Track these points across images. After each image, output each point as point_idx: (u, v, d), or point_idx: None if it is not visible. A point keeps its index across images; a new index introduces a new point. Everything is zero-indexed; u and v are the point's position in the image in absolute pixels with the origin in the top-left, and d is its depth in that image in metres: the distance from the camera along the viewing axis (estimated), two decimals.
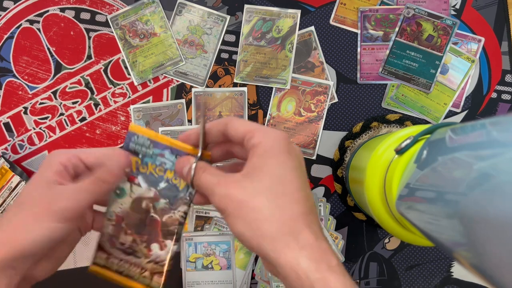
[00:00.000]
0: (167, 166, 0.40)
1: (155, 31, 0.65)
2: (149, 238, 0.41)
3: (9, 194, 0.62)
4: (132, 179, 0.41)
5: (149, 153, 0.40)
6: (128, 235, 0.41)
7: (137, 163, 0.40)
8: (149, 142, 0.40)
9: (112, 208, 0.41)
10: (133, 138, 0.40)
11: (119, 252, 0.42)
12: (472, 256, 0.28)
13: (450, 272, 0.64)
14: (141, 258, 0.41)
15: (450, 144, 0.33)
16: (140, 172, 0.41)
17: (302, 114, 0.65)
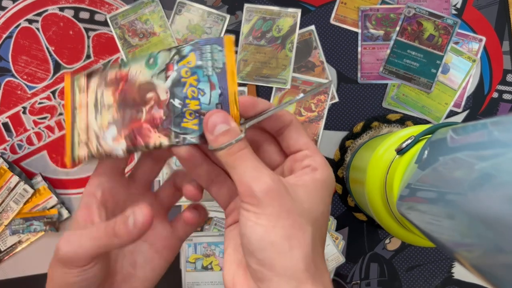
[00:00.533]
0: (202, 99, 0.34)
1: (155, 30, 0.64)
2: (118, 120, 0.36)
3: (8, 194, 0.62)
4: (170, 67, 0.35)
5: (208, 71, 0.34)
6: (112, 96, 0.36)
7: (189, 62, 0.34)
8: (222, 65, 0.34)
9: (132, 66, 0.36)
10: (216, 46, 0.34)
11: (90, 99, 0.36)
12: (473, 257, 0.28)
13: (451, 272, 0.63)
14: (94, 122, 0.36)
15: (451, 144, 0.33)
16: (180, 72, 0.34)
17: (302, 114, 0.64)
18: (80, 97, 0.37)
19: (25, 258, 0.63)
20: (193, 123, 0.34)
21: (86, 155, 0.36)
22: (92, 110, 0.37)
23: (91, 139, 0.36)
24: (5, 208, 0.62)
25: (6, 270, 0.63)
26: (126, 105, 0.35)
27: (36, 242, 0.63)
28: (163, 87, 0.35)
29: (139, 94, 0.35)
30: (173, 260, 0.39)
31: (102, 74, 0.37)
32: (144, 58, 0.36)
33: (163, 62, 0.35)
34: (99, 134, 0.36)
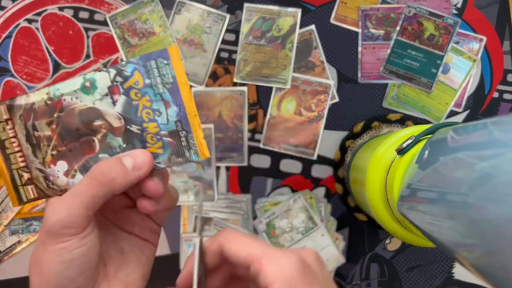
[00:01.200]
0: (160, 119, 0.32)
1: (154, 30, 0.64)
2: (65, 153, 0.33)
3: (7, 195, 0.62)
4: (114, 91, 0.32)
5: (158, 88, 0.32)
6: (49, 128, 0.33)
7: (136, 83, 0.32)
8: (172, 79, 0.32)
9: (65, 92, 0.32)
10: (161, 60, 0.32)
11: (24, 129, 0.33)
12: (473, 257, 0.28)
13: (452, 273, 0.63)
14: (35, 159, 0.33)
15: (452, 144, 0.33)
16: (129, 94, 0.32)
17: (302, 114, 0.64)
18: (5, 133, 0.34)
19: (25, 258, 0.63)
20: (156, 146, 0.33)
21: (36, 193, 0.34)
22: (27, 146, 0.33)
23: (37, 177, 0.34)
24: (5, 208, 0.62)
25: (6, 270, 0.63)
26: (69, 136, 0.33)
27: (36, 242, 0.63)
28: (113, 113, 0.32)
29: (83, 122, 0.33)
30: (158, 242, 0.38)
31: (26, 105, 0.33)
32: (76, 82, 0.33)
33: (103, 86, 0.32)
34: (45, 171, 0.34)
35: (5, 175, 0.34)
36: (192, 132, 0.33)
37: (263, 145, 0.64)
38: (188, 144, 0.33)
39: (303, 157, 0.64)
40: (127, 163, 0.32)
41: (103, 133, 0.33)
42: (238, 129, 0.64)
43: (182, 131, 0.33)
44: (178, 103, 0.32)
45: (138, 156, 0.32)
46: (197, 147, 0.33)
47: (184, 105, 0.32)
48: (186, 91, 0.32)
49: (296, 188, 0.64)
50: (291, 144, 0.64)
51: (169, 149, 0.33)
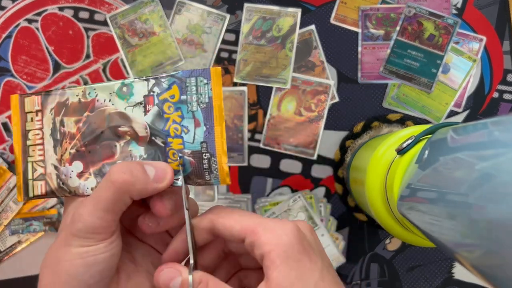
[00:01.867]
0: (186, 137, 0.31)
1: (154, 30, 0.64)
2: (84, 154, 0.32)
3: (8, 194, 0.62)
4: (149, 101, 0.32)
5: (192, 106, 0.31)
6: (76, 126, 0.32)
7: (172, 96, 0.32)
8: (208, 100, 0.31)
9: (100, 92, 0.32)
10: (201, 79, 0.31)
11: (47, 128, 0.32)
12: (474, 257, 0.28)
13: (452, 273, 0.63)
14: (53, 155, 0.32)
15: (452, 144, 0.33)
16: (162, 107, 0.32)
17: (302, 114, 0.64)
18: (32, 124, 0.33)
19: (25, 258, 0.63)
20: (177, 163, 0.32)
21: (44, 191, 0.33)
22: (50, 140, 0.33)
23: (50, 174, 0.33)
24: (5, 208, 0.62)
25: (6, 270, 0.63)
26: (93, 138, 0.32)
27: (36, 242, 0.63)
28: (141, 122, 0.32)
29: (109, 126, 0.32)
30: None
31: (60, 99, 0.33)
32: (114, 85, 0.32)
33: (140, 94, 0.32)
34: (60, 168, 0.33)
35: (19, 166, 0.33)
36: (217, 156, 0.32)
37: (263, 145, 0.64)
38: (209, 167, 0.32)
39: (303, 157, 0.64)
40: (149, 171, 0.31)
41: (127, 140, 0.32)
42: (238, 129, 0.64)
43: (206, 153, 0.32)
44: (208, 125, 0.31)
45: (161, 168, 0.31)
46: (219, 171, 0.32)
47: (214, 128, 0.31)
48: (219, 115, 0.31)
49: (296, 188, 0.64)
50: (291, 144, 0.64)
51: (189, 169, 0.32)
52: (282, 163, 0.64)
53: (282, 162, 0.64)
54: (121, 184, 0.30)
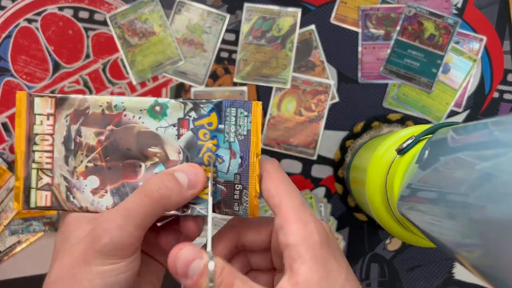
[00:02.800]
0: (220, 166, 0.31)
1: (154, 30, 0.64)
2: (102, 169, 0.30)
3: (7, 194, 0.62)
4: (184, 124, 0.31)
5: (229, 136, 0.31)
6: (96, 138, 0.30)
7: (209, 124, 0.31)
8: (246, 132, 0.31)
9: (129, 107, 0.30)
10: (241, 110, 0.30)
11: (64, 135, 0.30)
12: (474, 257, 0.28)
13: (452, 273, 0.63)
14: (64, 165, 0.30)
15: (452, 144, 0.33)
16: (197, 133, 0.31)
17: (302, 114, 0.64)
18: (41, 127, 0.31)
19: (25, 258, 0.63)
20: (205, 192, 0.31)
21: (50, 202, 0.31)
22: (61, 149, 0.31)
23: (58, 185, 0.31)
24: (4, 208, 0.62)
25: (6, 271, 0.63)
26: (115, 154, 0.31)
27: (36, 242, 0.63)
28: (174, 146, 0.31)
29: (138, 144, 0.31)
30: None
31: (79, 106, 0.31)
32: (146, 102, 0.31)
33: (174, 115, 0.31)
34: (71, 181, 0.31)
35: (20, 171, 0.31)
36: (249, 189, 0.31)
37: (263, 145, 0.64)
38: (240, 199, 0.31)
39: (303, 157, 0.64)
40: (182, 179, 0.30)
41: (155, 162, 0.31)
42: None
43: (238, 184, 0.31)
44: (244, 157, 0.31)
45: (192, 172, 0.30)
46: (249, 204, 0.31)
47: (250, 161, 0.31)
48: (256, 149, 0.31)
49: None
50: (291, 144, 0.64)
51: (219, 197, 0.32)
52: (282, 163, 0.64)
53: (282, 162, 0.64)
54: (158, 198, 0.29)
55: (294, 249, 0.28)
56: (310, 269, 0.28)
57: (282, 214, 0.29)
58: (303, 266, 0.28)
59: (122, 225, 0.28)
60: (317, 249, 0.28)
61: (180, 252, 0.27)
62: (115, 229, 0.28)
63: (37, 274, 0.63)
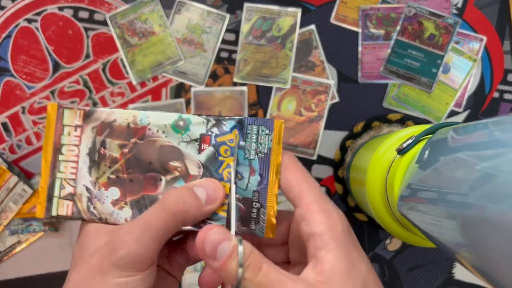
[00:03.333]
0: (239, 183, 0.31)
1: (154, 30, 0.64)
2: (124, 181, 0.31)
3: (7, 194, 0.61)
4: (206, 140, 0.31)
5: (250, 154, 0.31)
6: (119, 150, 0.31)
7: (230, 140, 0.31)
8: (267, 150, 0.31)
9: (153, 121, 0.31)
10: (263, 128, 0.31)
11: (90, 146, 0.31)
12: (474, 258, 0.28)
13: (452, 273, 0.63)
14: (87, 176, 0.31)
15: (452, 144, 0.33)
16: (218, 149, 0.31)
17: (302, 114, 0.64)
18: (69, 138, 0.32)
19: (25, 258, 0.63)
20: (223, 209, 0.31)
21: (71, 212, 0.32)
22: (85, 160, 0.31)
23: (80, 195, 0.31)
24: (4, 208, 0.62)
25: (6, 271, 0.63)
26: (137, 167, 0.31)
27: (36, 242, 0.63)
28: (195, 161, 0.31)
29: (159, 158, 0.31)
30: None
31: (106, 118, 0.32)
32: (171, 117, 0.31)
33: (197, 131, 0.31)
34: (93, 191, 0.31)
35: (45, 180, 0.31)
36: (267, 208, 0.31)
37: None
38: (257, 218, 0.31)
39: (303, 157, 0.64)
40: (200, 194, 0.30)
41: (175, 176, 0.31)
42: None
43: (256, 202, 0.31)
44: (263, 175, 0.31)
45: (211, 187, 0.30)
46: (266, 223, 0.31)
47: (269, 180, 0.31)
48: (276, 168, 0.31)
49: None
50: (291, 144, 0.64)
51: (237, 215, 0.31)
52: None
53: None
54: (176, 213, 0.29)
55: (319, 238, 0.28)
56: (336, 257, 0.28)
57: (304, 205, 0.29)
58: (328, 254, 0.28)
59: (139, 237, 0.28)
60: (341, 238, 0.29)
61: (210, 233, 0.27)
62: (132, 242, 0.28)
63: (37, 274, 0.63)
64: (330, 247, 0.28)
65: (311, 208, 0.29)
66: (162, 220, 0.29)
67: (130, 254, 0.28)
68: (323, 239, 0.28)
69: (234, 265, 0.26)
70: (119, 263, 0.28)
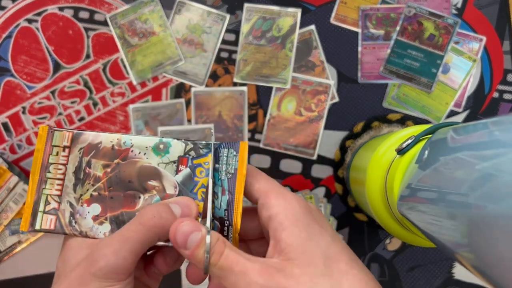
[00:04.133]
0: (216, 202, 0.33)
1: (154, 30, 0.64)
2: (105, 198, 0.33)
3: (8, 194, 0.62)
4: (183, 162, 0.34)
5: (221, 175, 0.33)
6: (103, 170, 0.33)
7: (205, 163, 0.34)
8: (234, 171, 0.33)
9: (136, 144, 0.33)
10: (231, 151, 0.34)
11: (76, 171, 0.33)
12: (474, 257, 0.28)
13: (452, 273, 0.63)
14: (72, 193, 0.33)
15: (452, 144, 0.33)
16: (194, 170, 0.33)
17: (302, 114, 0.64)
18: (57, 158, 0.34)
19: (25, 258, 0.63)
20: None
21: (53, 226, 0.34)
22: (71, 178, 0.34)
23: (64, 210, 0.34)
24: (5, 208, 0.62)
25: (6, 271, 0.63)
26: (118, 185, 0.33)
27: (36, 242, 0.63)
28: (172, 181, 0.33)
29: (139, 177, 0.33)
30: None
31: (93, 141, 0.34)
32: (151, 141, 0.34)
33: (175, 153, 0.34)
34: (76, 207, 0.33)
35: (31, 196, 0.34)
36: (233, 225, 0.33)
37: (263, 145, 0.64)
38: (227, 235, 0.33)
39: (303, 157, 0.64)
40: (176, 210, 0.32)
41: (152, 194, 0.33)
42: (238, 129, 0.64)
43: (226, 220, 0.33)
44: (231, 194, 0.33)
45: (185, 204, 0.32)
46: (233, 241, 0.33)
47: (235, 197, 0.33)
48: (240, 185, 0.33)
49: (296, 188, 0.64)
50: (291, 144, 0.64)
51: (216, 228, 0.34)
52: (282, 163, 0.64)
53: (282, 162, 0.64)
54: (152, 227, 0.31)
55: (276, 219, 0.30)
56: (291, 234, 0.30)
57: (263, 194, 0.32)
58: (284, 232, 0.30)
59: (118, 250, 0.30)
60: (297, 215, 0.30)
61: (181, 225, 0.30)
62: (111, 254, 0.30)
63: (37, 274, 0.63)
64: (285, 225, 0.30)
65: (268, 195, 0.31)
66: (139, 234, 0.31)
67: (109, 265, 0.29)
68: (279, 219, 0.30)
69: (202, 252, 0.29)
70: (99, 273, 0.29)
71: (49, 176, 0.34)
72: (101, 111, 0.64)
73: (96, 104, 0.64)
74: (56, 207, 0.34)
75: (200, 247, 0.29)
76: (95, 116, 0.64)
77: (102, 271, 0.29)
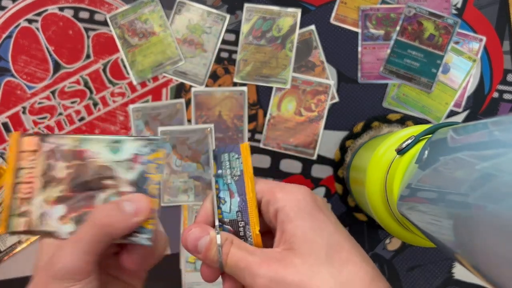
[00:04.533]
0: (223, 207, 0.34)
1: (154, 30, 0.64)
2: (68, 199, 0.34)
3: None
4: (136, 159, 0.35)
5: (227, 178, 0.34)
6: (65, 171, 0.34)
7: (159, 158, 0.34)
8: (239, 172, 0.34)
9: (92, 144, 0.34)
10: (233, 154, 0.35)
11: None
12: (473, 257, 0.28)
13: (452, 273, 0.63)
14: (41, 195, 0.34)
15: (452, 144, 0.33)
16: (147, 166, 0.34)
17: (302, 114, 0.64)
18: (25, 162, 0.35)
19: (25, 258, 0.63)
20: (149, 222, 0.34)
21: (25, 228, 0.35)
22: (39, 181, 0.35)
23: (33, 212, 0.35)
24: None
25: (6, 270, 0.63)
26: (79, 185, 0.34)
27: (36, 242, 0.63)
28: (125, 178, 0.34)
29: (96, 177, 0.34)
30: None
31: (57, 144, 0.35)
32: (106, 139, 0.35)
33: (128, 151, 0.34)
34: (43, 209, 0.34)
35: (7, 201, 0.35)
36: (250, 224, 0.34)
37: (263, 145, 0.64)
38: (245, 235, 0.34)
39: (303, 157, 0.64)
40: (128, 207, 0.33)
41: (109, 193, 0.34)
42: (238, 129, 0.64)
43: (241, 221, 0.34)
44: (241, 195, 0.34)
45: (137, 201, 0.33)
46: (253, 239, 0.34)
47: (247, 198, 0.34)
48: (250, 185, 0.34)
49: None
50: (291, 144, 0.64)
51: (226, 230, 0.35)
52: (282, 163, 0.64)
53: (282, 162, 0.64)
54: (102, 226, 0.32)
55: (282, 212, 0.32)
56: (296, 225, 0.31)
57: (266, 192, 0.33)
58: (290, 223, 0.31)
59: (71, 251, 0.31)
60: (301, 206, 0.32)
61: (189, 233, 0.33)
62: (66, 255, 0.31)
63: None
64: (290, 217, 0.31)
65: (272, 191, 0.33)
66: (90, 234, 0.31)
67: (65, 267, 0.30)
68: (285, 211, 0.31)
69: (213, 253, 0.32)
70: (57, 275, 0.31)
71: (19, 181, 0.35)
72: (101, 111, 0.64)
73: (96, 104, 0.64)
74: (26, 210, 0.35)
75: (210, 249, 0.32)
76: (95, 116, 0.64)
77: (60, 272, 0.30)
